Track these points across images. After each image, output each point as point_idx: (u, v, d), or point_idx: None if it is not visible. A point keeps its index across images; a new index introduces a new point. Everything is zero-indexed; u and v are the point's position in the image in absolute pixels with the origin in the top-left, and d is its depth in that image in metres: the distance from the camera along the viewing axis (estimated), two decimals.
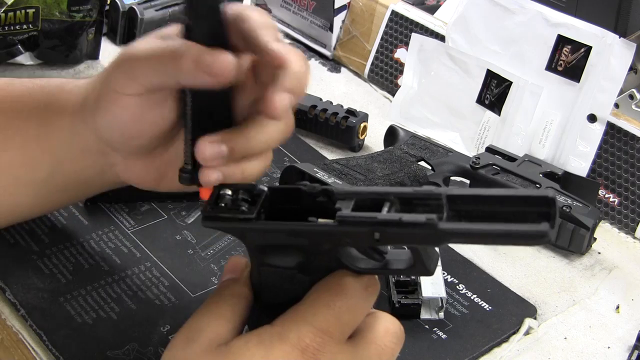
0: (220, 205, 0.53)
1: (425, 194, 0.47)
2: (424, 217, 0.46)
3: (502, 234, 0.44)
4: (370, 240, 0.48)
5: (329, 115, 0.93)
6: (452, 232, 0.46)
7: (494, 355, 0.69)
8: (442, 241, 0.47)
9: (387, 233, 0.48)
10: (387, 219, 0.47)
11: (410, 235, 0.47)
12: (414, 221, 0.46)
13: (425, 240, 0.47)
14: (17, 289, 0.70)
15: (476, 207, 0.46)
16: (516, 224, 0.44)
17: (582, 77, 0.87)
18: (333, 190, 0.50)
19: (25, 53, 1.03)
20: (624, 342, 0.72)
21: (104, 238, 0.76)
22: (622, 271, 0.80)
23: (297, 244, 0.52)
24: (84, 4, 1.02)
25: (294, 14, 1.14)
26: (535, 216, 0.44)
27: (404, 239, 0.48)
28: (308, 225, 0.50)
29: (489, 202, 0.46)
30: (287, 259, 0.53)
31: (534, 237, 0.43)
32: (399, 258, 0.51)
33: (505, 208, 0.45)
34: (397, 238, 0.48)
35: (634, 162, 0.84)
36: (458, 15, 0.96)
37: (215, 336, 0.52)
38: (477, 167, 0.84)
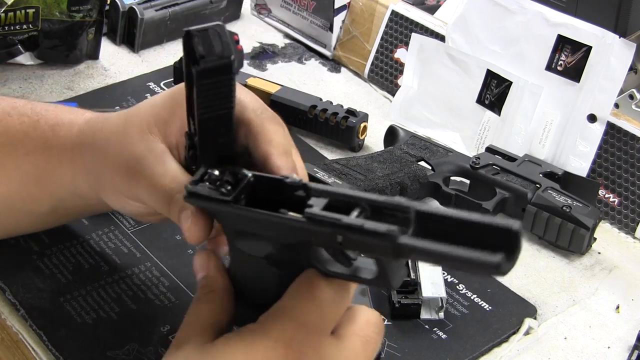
0: (204, 184, 0.53)
1: (394, 205, 0.46)
2: (385, 227, 0.45)
3: (456, 258, 0.43)
4: (333, 243, 0.48)
5: (329, 115, 0.93)
6: (410, 247, 0.45)
7: (494, 355, 0.69)
8: (399, 255, 0.46)
9: (349, 238, 0.47)
10: (350, 223, 0.47)
11: (371, 245, 0.46)
12: (374, 230, 0.45)
13: (383, 252, 0.47)
14: (17, 289, 0.70)
15: (443, 227, 0.45)
16: (473, 251, 0.42)
17: (582, 77, 0.87)
18: (310, 186, 0.50)
19: (25, 53, 1.02)
20: (624, 342, 0.72)
21: (104, 238, 0.76)
22: (622, 271, 0.80)
23: (267, 235, 0.52)
24: (84, 4, 1.02)
25: (294, 14, 1.14)
26: (497, 246, 0.42)
27: (365, 247, 0.47)
28: (276, 217, 0.50)
29: (457, 224, 0.44)
30: (258, 247, 0.53)
31: (484, 266, 0.42)
32: (366, 267, 0.51)
33: (471, 233, 0.43)
34: (358, 245, 0.48)
35: (634, 162, 0.84)
36: (458, 15, 0.95)
37: (201, 339, 0.52)
38: (477, 167, 0.84)
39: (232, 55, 0.51)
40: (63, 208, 0.69)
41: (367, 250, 0.48)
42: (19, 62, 1.03)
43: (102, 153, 0.63)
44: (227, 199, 0.52)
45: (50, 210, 0.69)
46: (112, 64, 1.06)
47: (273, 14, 1.17)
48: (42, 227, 0.73)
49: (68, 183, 0.66)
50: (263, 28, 1.18)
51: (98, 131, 0.64)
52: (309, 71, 1.08)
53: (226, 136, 0.56)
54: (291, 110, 0.94)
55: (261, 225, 0.52)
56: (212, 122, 0.54)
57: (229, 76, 0.52)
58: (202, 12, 1.13)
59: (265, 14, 1.19)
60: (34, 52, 1.03)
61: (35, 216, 0.70)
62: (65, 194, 0.67)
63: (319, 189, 0.50)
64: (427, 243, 0.44)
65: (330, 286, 0.52)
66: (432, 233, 0.45)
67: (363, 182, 0.81)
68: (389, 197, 0.47)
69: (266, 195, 0.52)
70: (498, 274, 0.42)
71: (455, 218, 0.44)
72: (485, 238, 0.43)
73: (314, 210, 0.48)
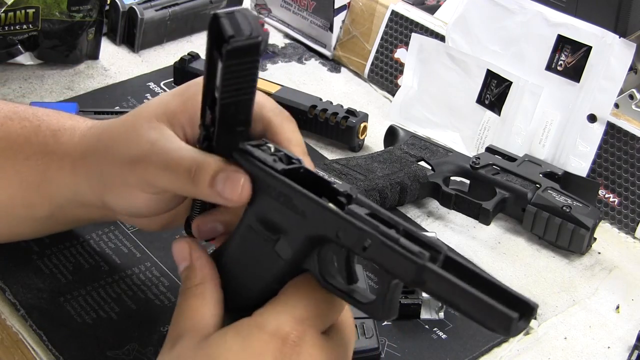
0: (259, 148, 0.54)
1: (428, 242, 0.48)
2: (417, 248, 0.47)
3: (475, 299, 0.45)
4: (358, 246, 0.49)
5: (329, 115, 0.93)
6: (434, 274, 0.46)
7: (494, 355, 0.69)
8: (418, 281, 0.47)
9: (377, 246, 0.48)
10: (387, 232, 0.48)
11: (395, 261, 0.48)
12: (407, 246, 0.47)
13: (402, 273, 0.48)
14: (17, 289, 0.70)
15: (466, 279, 0.46)
16: (493, 300, 0.45)
17: (582, 77, 0.87)
18: (354, 195, 0.51)
19: (25, 53, 1.02)
20: (624, 342, 0.72)
21: (104, 238, 0.76)
22: (622, 271, 0.80)
23: (294, 221, 0.52)
24: (84, 4, 1.02)
25: (294, 14, 1.14)
26: (514, 309, 0.45)
27: (386, 262, 0.48)
28: (319, 201, 0.51)
29: (481, 281, 0.47)
30: (275, 225, 0.53)
31: (500, 317, 0.45)
32: (363, 294, 0.52)
33: (491, 292, 0.46)
34: (382, 257, 0.48)
35: (634, 162, 0.84)
36: (458, 15, 0.95)
37: (195, 334, 0.52)
38: (477, 167, 0.84)
39: (260, 35, 0.51)
40: (62, 216, 0.68)
41: (386, 265, 0.49)
42: (19, 62, 1.03)
43: (108, 151, 0.61)
44: (280, 167, 0.52)
45: (49, 217, 0.68)
46: (112, 64, 1.06)
47: (273, 14, 1.17)
48: (42, 233, 0.73)
49: (68, 189, 0.65)
50: None
51: (103, 133, 0.63)
52: (309, 71, 1.08)
53: (244, 125, 0.55)
54: (291, 110, 0.92)
55: (296, 208, 0.52)
56: (233, 107, 0.54)
57: (256, 57, 0.52)
58: (202, 12, 1.13)
59: (265, 14, 1.19)
60: (34, 52, 1.03)
61: (34, 222, 0.69)
62: (65, 201, 0.66)
63: (362, 200, 0.51)
64: (450, 276, 0.46)
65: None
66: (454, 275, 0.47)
67: (363, 182, 0.81)
68: (424, 234, 0.49)
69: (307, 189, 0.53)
70: (509, 330, 0.45)
71: (481, 276, 0.47)
72: (502, 301, 0.45)
73: (356, 209, 0.50)
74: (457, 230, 0.83)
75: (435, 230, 0.82)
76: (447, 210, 0.84)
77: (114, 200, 0.62)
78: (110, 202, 0.63)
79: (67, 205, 0.66)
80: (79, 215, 0.68)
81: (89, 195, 0.64)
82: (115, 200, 0.62)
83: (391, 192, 0.82)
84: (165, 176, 0.57)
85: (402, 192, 0.83)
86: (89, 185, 0.63)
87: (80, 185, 0.64)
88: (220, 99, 0.53)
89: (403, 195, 0.83)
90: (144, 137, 0.58)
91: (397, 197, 0.83)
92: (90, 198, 0.64)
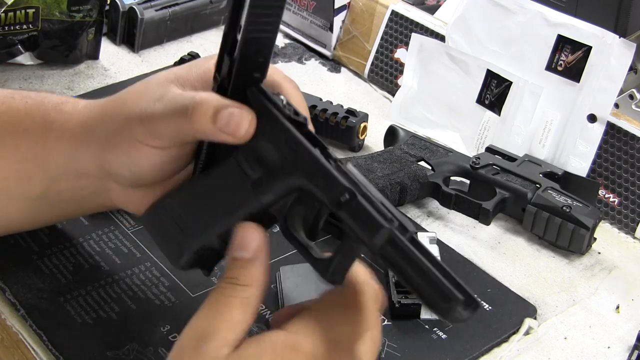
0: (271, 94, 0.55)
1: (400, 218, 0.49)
2: (390, 215, 0.49)
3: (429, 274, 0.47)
4: (334, 198, 0.50)
5: (329, 115, 0.93)
6: (401, 245, 0.48)
7: (494, 355, 0.69)
8: (383, 249, 0.48)
9: (353, 202, 0.49)
10: (365, 192, 0.50)
11: (366, 222, 0.49)
12: (382, 210, 0.49)
13: (369, 235, 0.49)
14: (17, 289, 0.70)
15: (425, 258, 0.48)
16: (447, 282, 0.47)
17: (582, 77, 0.87)
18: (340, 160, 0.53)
19: (25, 53, 1.03)
20: (624, 342, 0.72)
21: (104, 238, 0.76)
22: (622, 271, 0.80)
23: (283, 164, 0.54)
24: (84, 4, 1.02)
25: (294, 14, 1.14)
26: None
27: (357, 221, 0.49)
28: (310, 151, 0.53)
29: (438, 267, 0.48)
30: (267, 165, 0.54)
31: (446, 296, 0.47)
32: (318, 252, 0.53)
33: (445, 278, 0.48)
34: (354, 215, 0.50)
35: (634, 162, 0.84)
36: (458, 15, 0.95)
37: (225, 343, 0.50)
38: (477, 167, 0.84)
39: None
40: (55, 193, 0.66)
41: (354, 225, 0.50)
42: (19, 62, 1.03)
43: (116, 111, 0.62)
44: (287, 112, 0.54)
45: (42, 195, 0.67)
46: (112, 64, 1.06)
47: None
48: (33, 219, 0.71)
49: (65, 157, 0.65)
50: None
51: (110, 99, 0.64)
52: (309, 71, 1.08)
53: (260, 71, 0.56)
54: None
55: (289, 153, 0.53)
56: (254, 45, 0.54)
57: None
58: (202, 12, 1.13)
59: None
60: (34, 52, 1.03)
61: (27, 202, 0.67)
62: (60, 172, 0.65)
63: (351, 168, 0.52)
64: (414, 248, 0.48)
65: (373, 300, 0.53)
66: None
67: None
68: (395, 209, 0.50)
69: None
70: (449, 311, 0.46)
71: (440, 264, 0.48)
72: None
73: (343, 167, 0.51)
74: (457, 230, 0.83)
75: (435, 230, 0.82)
76: (447, 210, 0.84)
77: (116, 157, 0.61)
78: (111, 161, 0.62)
79: (62, 177, 0.65)
80: (72, 192, 0.67)
81: (88, 160, 0.63)
82: (117, 157, 0.61)
83: (391, 192, 0.82)
84: (170, 120, 0.57)
85: (402, 192, 0.83)
86: (89, 147, 0.63)
87: (79, 151, 0.64)
88: (245, 31, 0.53)
89: (403, 195, 0.83)
90: (153, 94, 0.59)
91: (397, 197, 0.83)
92: (87, 163, 0.64)
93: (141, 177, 0.62)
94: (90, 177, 0.65)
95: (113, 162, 0.62)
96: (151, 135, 0.59)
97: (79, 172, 0.65)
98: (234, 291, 0.52)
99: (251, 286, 0.52)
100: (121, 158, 0.61)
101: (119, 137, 0.61)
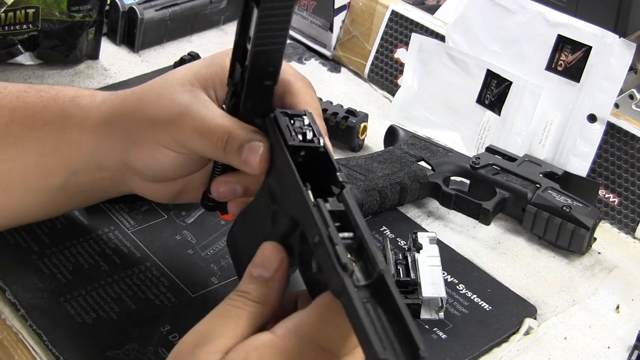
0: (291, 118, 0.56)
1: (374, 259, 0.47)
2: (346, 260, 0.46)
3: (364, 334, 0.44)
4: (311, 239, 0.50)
5: (328, 115, 0.93)
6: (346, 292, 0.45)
7: (494, 355, 0.69)
8: (335, 290, 0.47)
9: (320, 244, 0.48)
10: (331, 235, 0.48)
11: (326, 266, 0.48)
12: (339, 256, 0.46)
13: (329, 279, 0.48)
14: (17, 289, 0.70)
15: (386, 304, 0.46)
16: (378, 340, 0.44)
17: (582, 77, 0.87)
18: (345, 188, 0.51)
19: (25, 53, 1.02)
20: (624, 342, 0.72)
21: (104, 238, 0.76)
22: (622, 271, 0.80)
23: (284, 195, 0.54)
24: (84, 4, 1.02)
25: (294, 14, 1.14)
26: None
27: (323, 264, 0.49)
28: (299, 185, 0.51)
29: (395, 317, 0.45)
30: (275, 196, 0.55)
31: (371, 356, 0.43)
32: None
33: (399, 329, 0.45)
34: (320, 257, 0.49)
35: (634, 162, 0.84)
36: (458, 15, 0.95)
37: (219, 350, 0.49)
38: (477, 167, 0.84)
39: None
40: (75, 185, 0.68)
41: (322, 267, 0.49)
42: (19, 62, 1.03)
43: (137, 111, 0.63)
44: (292, 142, 0.54)
45: (62, 187, 0.68)
46: (112, 64, 1.06)
47: None
48: (51, 210, 0.72)
49: (87, 149, 0.66)
50: None
51: (129, 96, 0.65)
52: (309, 71, 1.08)
53: (272, 79, 0.57)
54: None
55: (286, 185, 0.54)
56: (263, 57, 0.55)
57: (291, 3, 0.53)
58: (202, 12, 1.13)
59: None
60: (34, 52, 1.03)
61: (46, 194, 0.68)
62: (81, 164, 0.67)
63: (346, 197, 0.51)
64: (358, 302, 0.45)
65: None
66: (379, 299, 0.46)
67: (363, 182, 0.81)
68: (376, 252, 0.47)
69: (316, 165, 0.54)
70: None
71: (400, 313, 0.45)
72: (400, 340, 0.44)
73: (323, 204, 0.50)
74: (457, 230, 0.83)
75: (435, 230, 0.82)
76: (447, 210, 0.84)
77: (139, 157, 0.63)
78: (133, 160, 0.64)
79: (83, 169, 0.67)
80: (92, 183, 0.68)
81: (109, 155, 0.65)
82: (140, 157, 0.63)
83: (391, 192, 0.82)
84: (199, 141, 0.60)
85: (402, 192, 0.83)
86: (112, 143, 0.65)
87: (101, 145, 0.65)
88: (254, 45, 0.54)
89: (403, 195, 0.83)
90: (178, 99, 0.61)
91: (397, 197, 0.83)
92: (109, 159, 0.65)
93: (163, 175, 0.65)
94: (111, 170, 0.66)
95: (135, 161, 0.64)
96: (177, 145, 0.61)
97: (100, 165, 0.66)
98: (245, 305, 0.52)
99: (263, 304, 0.52)
100: (144, 159, 0.64)
101: (142, 139, 0.63)
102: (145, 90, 0.64)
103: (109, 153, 0.65)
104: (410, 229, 0.78)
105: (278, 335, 0.49)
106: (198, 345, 0.50)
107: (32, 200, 0.69)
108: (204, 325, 0.51)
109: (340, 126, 0.92)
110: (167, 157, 0.62)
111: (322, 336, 0.49)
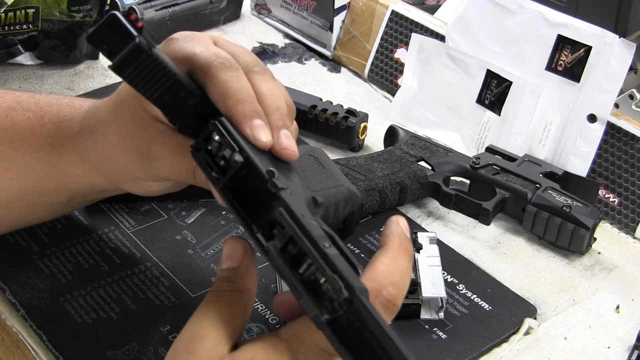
0: (207, 148, 0.54)
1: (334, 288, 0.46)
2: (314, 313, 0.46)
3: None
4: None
5: (329, 115, 0.93)
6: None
7: (494, 355, 0.69)
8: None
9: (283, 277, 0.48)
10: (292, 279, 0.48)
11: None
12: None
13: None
14: (17, 289, 0.70)
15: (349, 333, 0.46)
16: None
17: (582, 77, 0.87)
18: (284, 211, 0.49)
19: (25, 53, 1.03)
20: (624, 342, 0.72)
21: (104, 238, 0.76)
22: (622, 271, 0.80)
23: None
24: (84, 4, 1.02)
25: (294, 14, 1.14)
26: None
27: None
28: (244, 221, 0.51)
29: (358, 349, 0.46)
30: None
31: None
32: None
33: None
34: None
35: (634, 162, 0.84)
36: (458, 15, 0.96)
37: (216, 345, 0.50)
38: (477, 167, 0.84)
39: (135, 38, 0.51)
40: (80, 196, 0.71)
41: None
42: (19, 62, 1.03)
43: (108, 145, 0.64)
44: (220, 185, 0.52)
45: (67, 202, 0.71)
46: None
47: (273, 14, 1.17)
48: (57, 215, 0.75)
49: (84, 181, 0.68)
50: (263, 28, 1.18)
51: (96, 124, 0.66)
52: (309, 71, 1.08)
53: (192, 98, 0.57)
54: None
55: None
56: (167, 95, 0.55)
57: (146, 55, 0.52)
58: (202, 12, 1.13)
59: (265, 14, 1.19)
60: (34, 52, 1.03)
61: (50, 207, 0.71)
62: (82, 188, 0.69)
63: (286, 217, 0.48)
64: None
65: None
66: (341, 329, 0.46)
67: (363, 182, 0.81)
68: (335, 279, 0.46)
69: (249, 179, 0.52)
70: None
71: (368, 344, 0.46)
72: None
73: (270, 247, 0.49)
74: (457, 230, 0.83)
75: (435, 230, 0.82)
76: (447, 210, 0.84)
77: (130, 188, 0.66)
78: (126, 188, 0.67)
79: (85, 191, 0.70)
80: (97, 196, 0.72)
81: (104, 182, 0.67)
82: (131, 188, 0.66)
83: (391, 192, 0.82)
84: (171, 173, 0.62)
85: (402, 192, 0.83)
86: (100, 173, 0.67)
87: (95, 178, 0.67)
88: (147, 98, 0.54)
89: (403, 195, 0.83)
90: (140, 136, 0.62)
91: (397, 197, 0.83)
92: (105, 184, 0.68)
93: (150, 193, 0.67)
94: (114, 188, 0.69)
95: (128, 189, 0.67)
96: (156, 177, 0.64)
97: (100, 188, 0.69)
98: (220, 297, 0.53)
99: (239, 290, 0.53)
100: (134, 189, 0.66)
101: (124, 176, 0.65)
102: (106, 123, 0.64)
103: (103, 181, 0.67)
104: (410, 229, 0.78)
105: (284, 338, 0.50)
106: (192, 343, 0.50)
107: (34, 212, 0.71)
108: (190, 326, 0.52)
109: (340, 126, 0.92)
110: (153, 185, 0.66)
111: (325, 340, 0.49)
